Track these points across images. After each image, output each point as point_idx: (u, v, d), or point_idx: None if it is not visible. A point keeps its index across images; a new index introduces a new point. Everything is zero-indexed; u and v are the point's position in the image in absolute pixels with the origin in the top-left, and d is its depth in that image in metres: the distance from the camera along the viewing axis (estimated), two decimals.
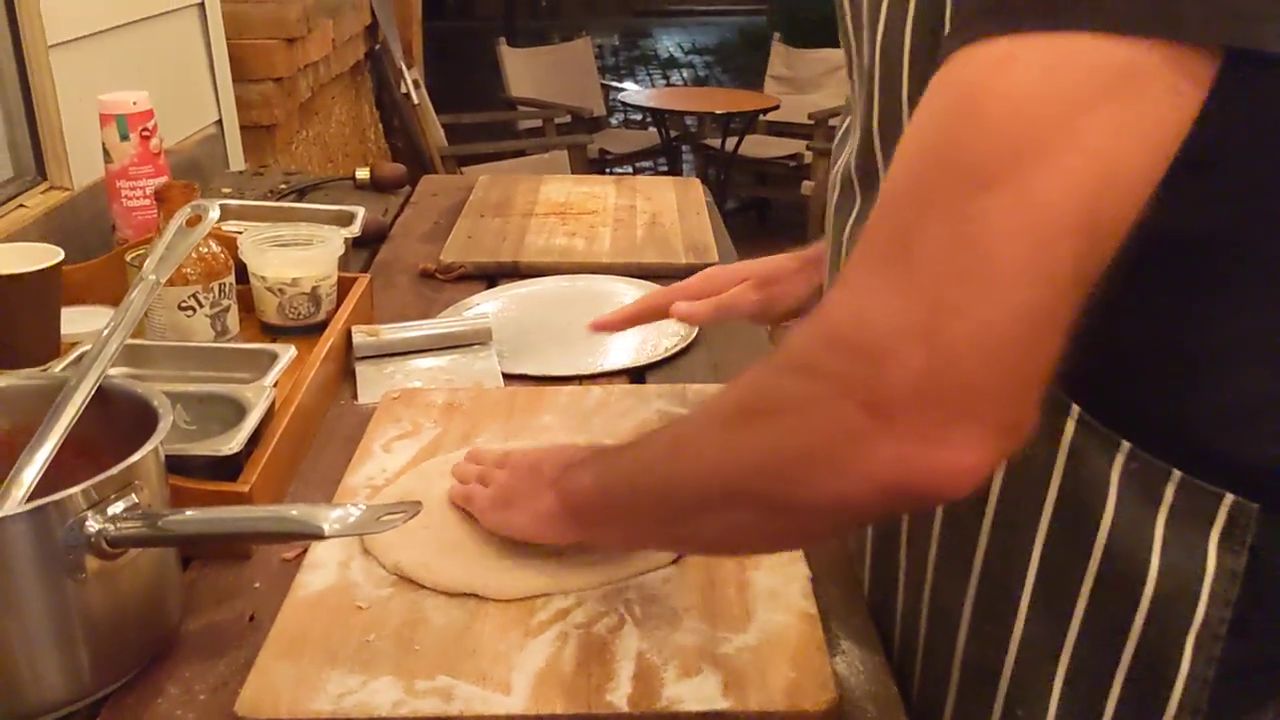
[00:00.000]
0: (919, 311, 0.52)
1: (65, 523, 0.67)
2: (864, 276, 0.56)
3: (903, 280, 0.53)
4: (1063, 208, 0.51)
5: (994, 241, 0.51)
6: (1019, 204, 0.51)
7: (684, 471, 0.66)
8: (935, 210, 0.52)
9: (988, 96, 0.51)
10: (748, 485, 0.61)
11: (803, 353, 0.58)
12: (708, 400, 0.68)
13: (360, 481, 0.94)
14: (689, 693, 0.69)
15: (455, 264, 1.49)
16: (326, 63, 3.09)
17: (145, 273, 0.85)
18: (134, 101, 1.41)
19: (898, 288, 0.53)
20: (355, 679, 0.71)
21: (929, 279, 0.52)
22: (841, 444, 0.55)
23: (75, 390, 0.77)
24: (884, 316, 0.53)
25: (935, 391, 0.52)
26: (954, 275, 0.52)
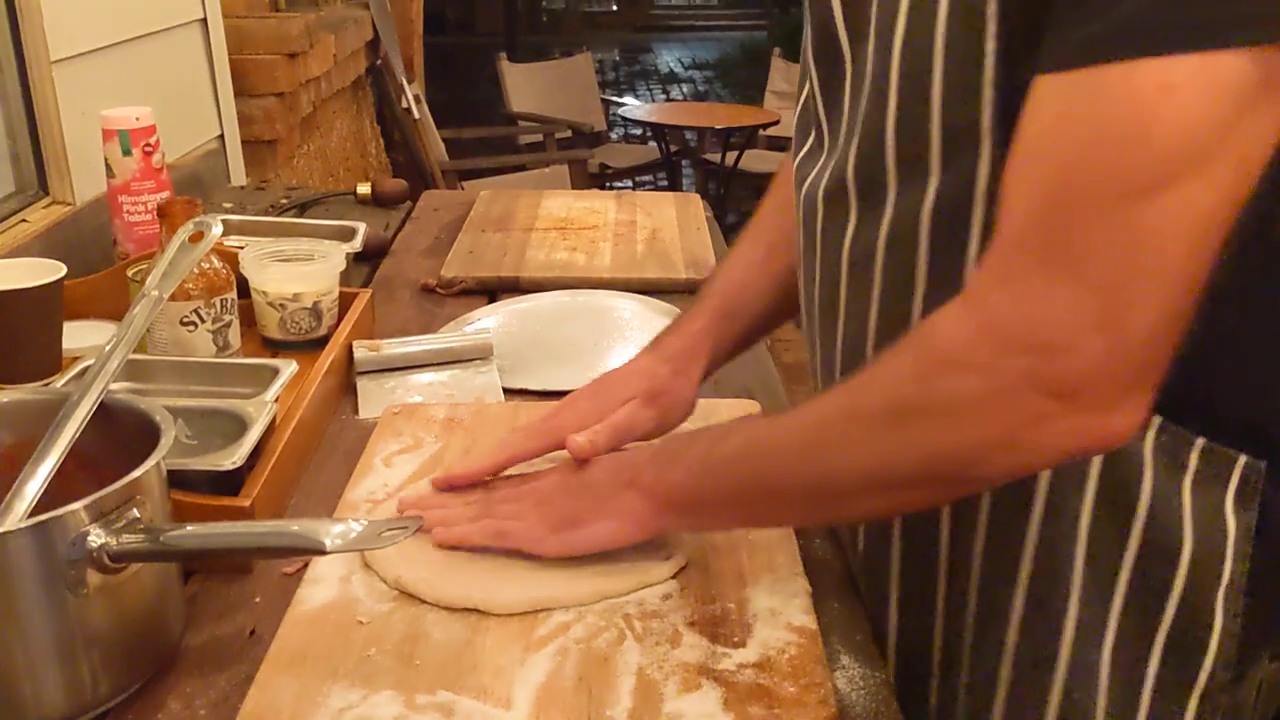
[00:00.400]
0: (1096, 306, 0.59)
1: (67, 538, 0.67)
2: (1031, 280, 0.61)
3: (1075, 280, 0.59)
4: (1218, 211, 0.57)
5: (1163, 242, 0.57)
6: (1184, 210, 0.57)
7: (833, 471, 0.70)
8: (1101, 216, 0.58)
9: (1154, 120, 0.56)
10: (919, 474, 0.67)
11: (966, 352, 0.63)
12: (830, 400, 0.71)
13: (361, 496, 0.94)
14: (689, 708, 0.69)
15: (456, 279, 1.49)
16: (328, 78, 3.10)
17: (148, 288, 0.86)
18: (136, 117, 1.42)
19: (1070, 287, 0.59)
20: (356, 693, 0.71)
21: (1104, 277, 0.59)
22: (1025, 428, 0.62)
23: (78, 405, 0.77)
24: (1059, 314, 0.60)
25: (1113, 372, 0.60)
26: (1128, 273, 0.58)
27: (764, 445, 0.74)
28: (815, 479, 0.71)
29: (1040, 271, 0.60)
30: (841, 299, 0.82)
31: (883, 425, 0.67)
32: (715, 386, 1.20)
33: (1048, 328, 0.60)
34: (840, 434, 0.69)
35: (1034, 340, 0.61)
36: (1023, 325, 0.61)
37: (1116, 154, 0.57)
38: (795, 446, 0.72)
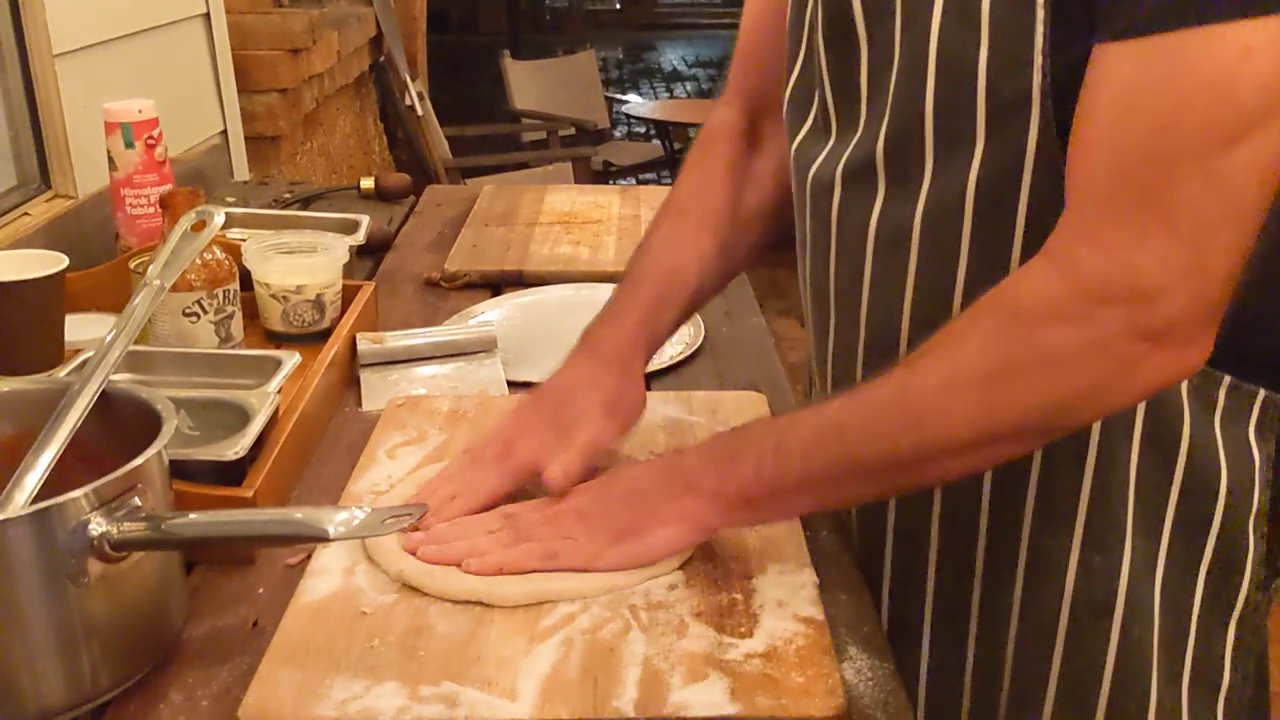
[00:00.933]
0: (1185, 254, 0.64)
1: (68, 526, 0.67)
2: (1122, 231, 0.65)
3: (1166, 231, 0.64)
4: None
5: (1241, 190, 0.63)
6: (1258, 160, 0.63)
7: (936, 438, 0.71)
8: (1189, 170, 0.63)
9: (1236, 80, 0.61)
10: (1019, 429, 0.71)
11: (1064, 307, 0.67)
12: (922, 368, 0.71)
13: (364, 488, 0.94)
14: (695, 698, 0.69)
15: (460, 272, 1.49)
16: (331, 75, 3.10)
17: (150, 278, 0.85)
18: (139, 110, 1.42)
19: (1161, 238, 0.64)
20: (359, 685, 0.70)
21: (1191, 226, 0.64)
22: (1124, 371, 0.67)
23: (79, 395, 0.77)
24: (1152, 263, 0.64)
25: (1197, 312, 0.65)
26: (1212, 220, 0.63)
27: (851, 424, 0.74)
28: (913, 449, 0.72)
29: (1132, 226, 0.65)
30: (866, 279, 0.83)
31: (986, 387, 0.69)
32: (720, 381, 1.20)
33: (1142, 277, 0.65)
34: (943, 402, 0.70)
35: (1130, 290, 0.65)
36: (1118, 277, 0.65)
37: (1202, 113, 0.62)
38: (893, 420, 0.72)
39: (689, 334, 1.30)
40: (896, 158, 0.78)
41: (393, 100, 4.07)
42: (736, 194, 0.98)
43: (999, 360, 0.69)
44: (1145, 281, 0.65)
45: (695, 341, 1.27)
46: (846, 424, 0.73)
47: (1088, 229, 0.67)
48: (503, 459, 0.87)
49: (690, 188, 1.00)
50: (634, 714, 0.68)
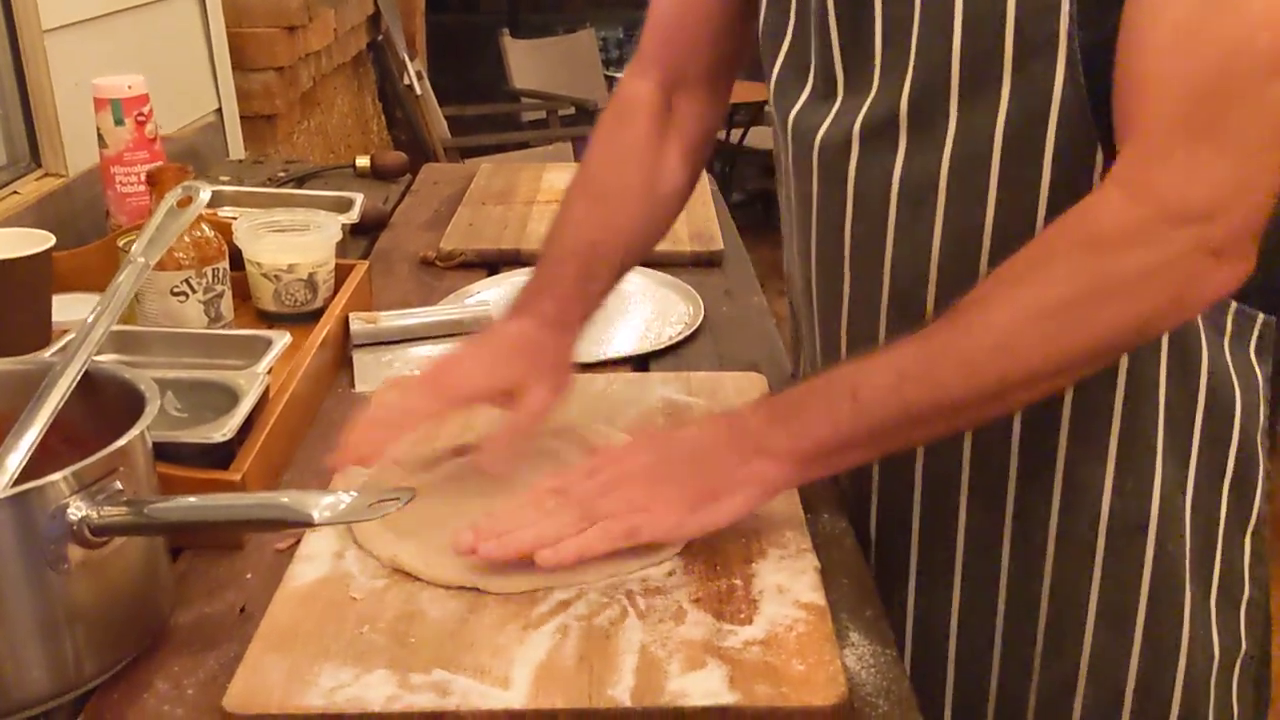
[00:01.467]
0: (1242, 173, 0.68)
1: (47, 510, 0.65)
2: (1192, 155, 0.68)
3: (1233, 151, 0.68)
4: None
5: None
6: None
7: (1023, 367, 0.72)
8: (1258, 93, 0.67)
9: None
10: (1106, 350, 0.74)
11: (1139, 232, 0.69)
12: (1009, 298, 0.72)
13: (355, 471, 0.91)
14: (694, 687, 0.67)
15: (456, 251, 1.47)
16: (328, 53, 3.06)
17: (134, 255, 0.83)
18: (129, 86, 1.39)
19: (1229, 158, 0.68)
20: (348, 672, 0.68)
21: (1253, 146, 0.68)
22: (1194, 287, 0.71)
23: (61, 375, 0.75)
24: (1220, 182, 0.68)
25: (1251, 226, 0.69)
26: (1264, 143, 0.68)
27: (935, 365, 0.73)
28: (1002, 378, 0.73)
29: (1204, 147, 0.68)
30: (889, 233, 0.83)
31: (1075, 313, 0.71)
32: (719, 361, 1.18)
33: (1213, 196, 0.68)
34: (1032, 334, 0.71)
35: (1202, 208, 0.68)
36: (1195, 197, 0.68)
37: (1267, 39, 0.66)
38: (984, 351, 0.72)
39: (688, 314, 1.27)
40: (921, 109, 0.79)
41: (391, 79, 4.03)
42: (653, 174, 0.98)
43: (1084, 288, 0.70)
44: (1216, 199, 0.68)
45: (695, 321, 1.25)
46: (930, 366, 0.73)
47: (1161, 153, 0.69)
48: (429, 384, 0.87)
49: (606, 164, 0.99)
50: (630, 703, 0.66)
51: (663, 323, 1.25)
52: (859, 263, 0.87)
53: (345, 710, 0.65)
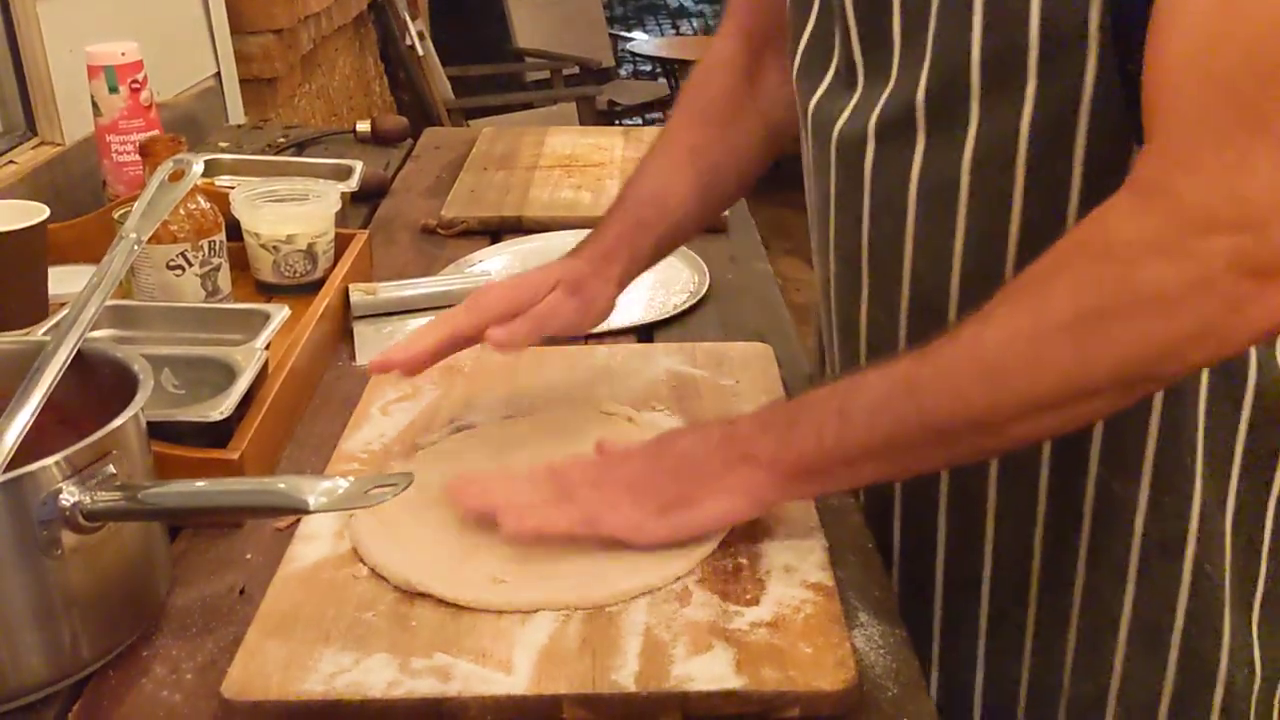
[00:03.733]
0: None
1: (39, 496, 0.63)
2: (1225, 156, 0.60)
3: (1263, 151, 0.59)
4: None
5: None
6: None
7: (1019, 392, 0.65)
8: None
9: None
10: (1116, 380, 0.64)
11: (1164, 242, 0.61)
12: (1001, 320, 0.65)
13: (357, 446, 0.90)
14: (699, 671, 0.66)
15: (457, 219, 1.45)
16: (329, 14, 3.02)
17: (125, 231, 0.81)
18: (123, 52, 1.37)
19: (1268, 159, 0.59)
20: (348, 657, 0.67)
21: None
22: (1225, 314, 0.61)
23: (53, 355, 0.73)
24: (1260, 186, 0.59)
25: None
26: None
27: (923, 382, 0.68)
28: (992, 407, 0.67)
29: (1233, 148, 0.60)
30: (908, 235, 0.79)
31: (1079, 334, 0.63)
32: (725, 330, 1.16)
33: (1249, 204, 0.59)
34: (1027, 353, 0.65)
35: (1236, 219, 0.59)
36: (1222, 205, 0.60)
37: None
38: (972, 375, 0.66)
39: (693, 282, 1.26)
40: (939, 106, 0.74)
41: (393, 40, 3.99)
42: (730, 130, 0.97)
43: (1093, 304, 0.63)
44: (1252, 208, 0.59)
45: (700, 290, 1.23)
46: (918, 382, 0.68)
47: (1183, 155, 0.61)
48: (464, 312, 0.90)
49: (682, 122, 1.00)
50: (635, 688, 0.64)
51: (667, 291, 1.23)
52: (877, 265, 0.82)
53: (345, 696, 0.64)
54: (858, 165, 0.81)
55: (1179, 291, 0.61)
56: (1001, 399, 0.66)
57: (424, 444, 0.90)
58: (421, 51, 4.00)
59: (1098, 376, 0.64)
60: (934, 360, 0.67)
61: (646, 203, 0.96)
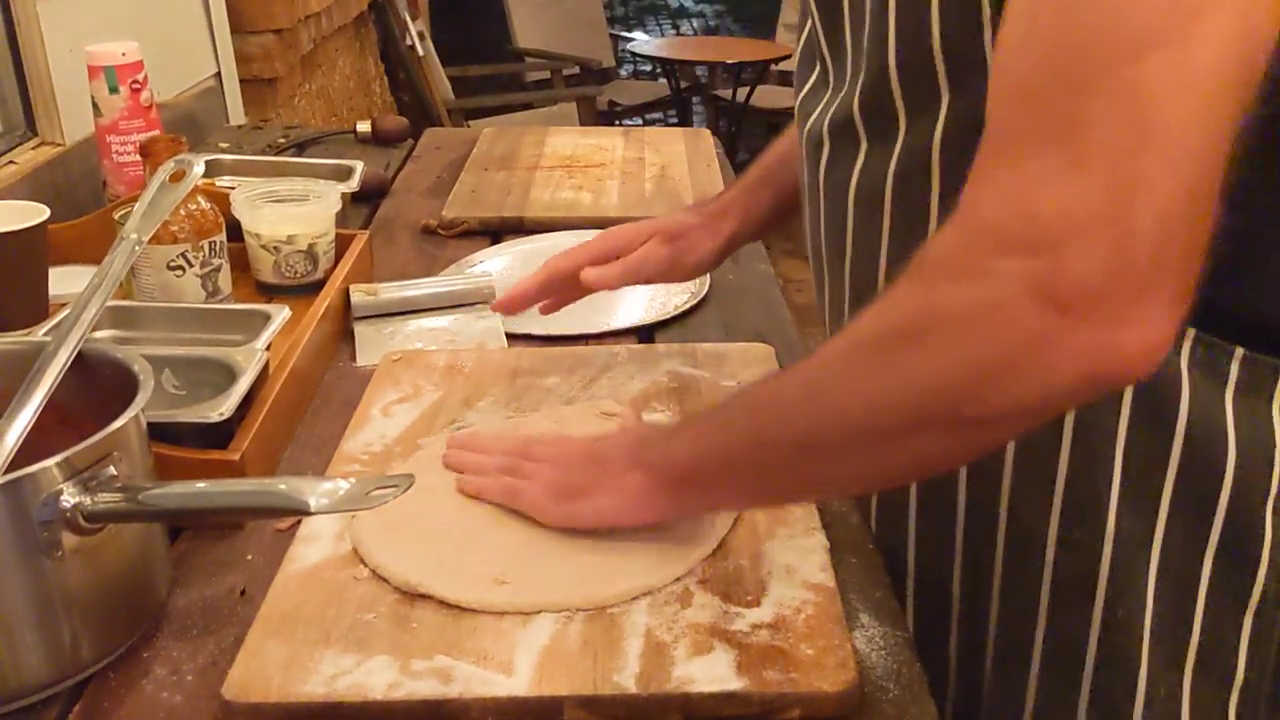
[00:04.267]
0: (1098, 192, 0.51)
1: (39, 497, 0.63)
2: (1021, 168, 0.53)
3: (1073, 163, 0.51)
4: (1222, 64, 0.50)
5: (1164, 108, 0.50)
6: (1182, 65, 0.50)
7: (832, 414, 0.62)
8: (1096, 86, 0.51)
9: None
10: (921, 412, 0.59)
11: (960, 260, 0.56)
12: (834, 340, 0.64)
13: (358, 448, 0.90)
14: (700, 672, 0.65)
15: (458, 220, 1.45)
16: (329, 14, 3.02)
17: (126, 231, 0.81)
18: (123, 53, 1.37)
19: (1068, 172, 0.51)
20: (349, 659, 0.67)
21: (1104, 157, 0.51)
22: (1027, 348, 0.54)
23: (53, 357, 0.73)
24: (1058, 205, 0.51)
25: (1123, 272, 0.51)
26: (1130, 148, 0.50)
27: (764, 398, 0.68)
28: (809, 430, 0.64)
29: (1033, 161, 0.53)
30: (849, 236, 0.79)
31: (876, 356, 0.60)
32: (727, 331, 1.16)
33: (1044, 219, 0.52)
34: (837, 373, 0.62)
35: (1031, 237, 0.52)
36: (1016, 219, 0.53)
37: (1107, 12, 0.51)
38: (794, 394, 0.65)
39: (694, 282, 1.25)
40: (871, 113, 0.75)
41: (393, 40, 3.99)
42: None
43: (893, 322, 0.59)
44: (1044, 229, 0.52)
45: (701, 290, 1.23)
46: (766, 395, 0.68)
47: (988, 168, 0.55)
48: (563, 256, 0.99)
49: None
50: (636, 689, 0.64)
51: (668, 292, 1.23)
52: (830, 261, 0.84)
53: (346, 698, 0.64)
54: (816, 164, 0.82)
55: (973, 313, 0.55)
56: (819, 420, 0.63)
57: (425, 445, 0.90)
58: (422, 52, 4.00)
59: (905, 402, 0.59)
60: (775, 378, 0.70)
61: (772, 164, 0.99)
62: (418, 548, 0.76)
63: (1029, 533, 0.75)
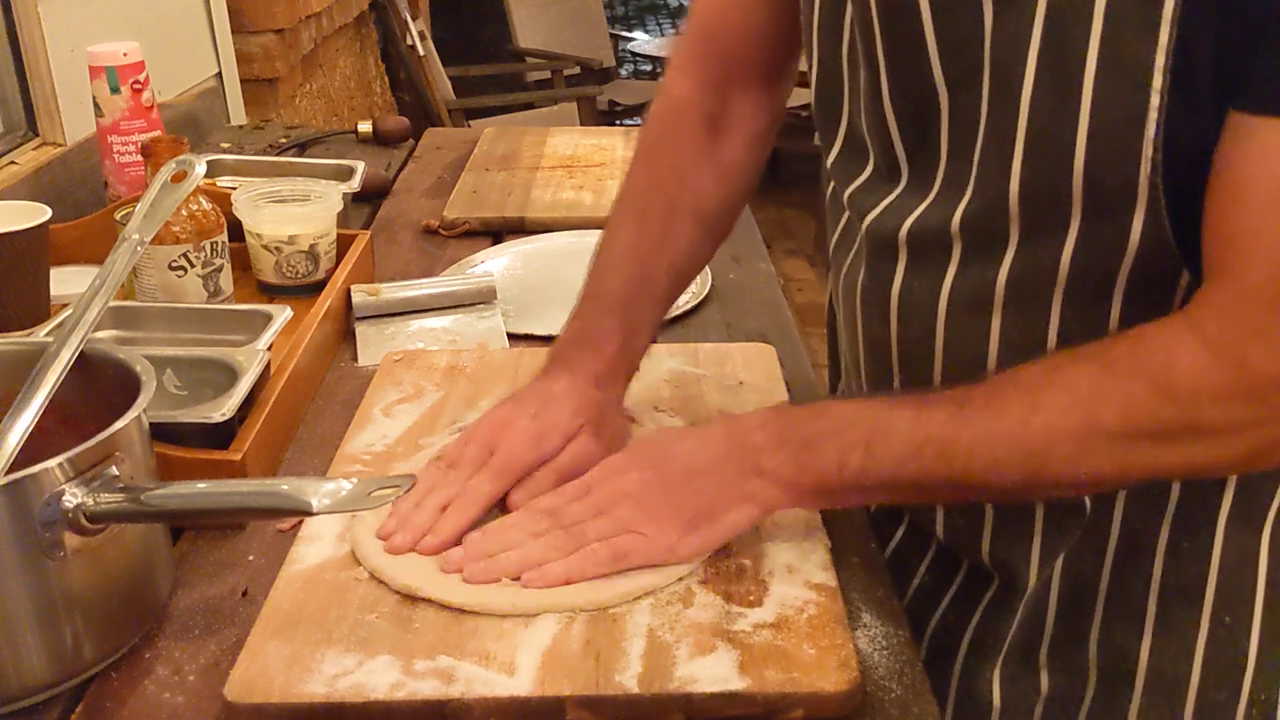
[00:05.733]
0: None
1: (41, 497, 0.63)
2: None
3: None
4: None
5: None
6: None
7: (1050, 483, 0.71)
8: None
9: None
10: (1129, 483, 0.73)
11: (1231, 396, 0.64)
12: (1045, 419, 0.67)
13: (359, 448, 0.90)
14: (702, 672, 0.66)
15: (459, 220, 1.45)
16: (329, 14, 3.02)
17: (128, 233, 0.81)
18: (124, 53, 1.37)
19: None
20: (351, 659, 0.67)
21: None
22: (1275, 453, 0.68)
23: (55, 357, 0.73)
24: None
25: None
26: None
27: (960, 448, 0.69)
28: (1027, 484, 0.71)
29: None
30: (939, 339, 0.78)
31: (1122, 448, 0.67)
32: (728, 331, 1.16)
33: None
34: (1074, 449, 0.67)
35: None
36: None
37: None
38: (1012, 453, 0.69)
39: (695, 282, 1.25)
40: (978, 227, 0.73)
41: (394, 40, 3.99)
42: (704, 187, 0.91)
43: (1146, 429, 0.66)
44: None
45: (702, 290, 1.23)
46: (954, 447, 0.69)
47: (1256, 324, 0.63)
48: (490, 459, 0.79)
49: (652, 181, 0.91)
50: (638, 689, 0.64)
51: None
52: (907, 366, 0.82)
53: (348, 699, 0.64)
54: (887, 267, 0.79)
55: (1237, 429, 0.65)
56: (1037, 480, 0.70)
57: (427, 445, 0.90)
58: (422, 51, 4.00)
59: (1131, 479, 0.71)
60: (973, 426, 0.68)
61: (634, 298, 0.88)
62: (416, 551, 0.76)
63: (1138, 543, 0.77)
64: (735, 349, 1.06)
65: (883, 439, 0.70)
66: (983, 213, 0.72)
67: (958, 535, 0.84)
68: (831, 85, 0.82)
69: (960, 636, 0.85)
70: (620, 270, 0.88)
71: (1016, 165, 0.68)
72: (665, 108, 0.93)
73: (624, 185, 0.93)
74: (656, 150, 0.92)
